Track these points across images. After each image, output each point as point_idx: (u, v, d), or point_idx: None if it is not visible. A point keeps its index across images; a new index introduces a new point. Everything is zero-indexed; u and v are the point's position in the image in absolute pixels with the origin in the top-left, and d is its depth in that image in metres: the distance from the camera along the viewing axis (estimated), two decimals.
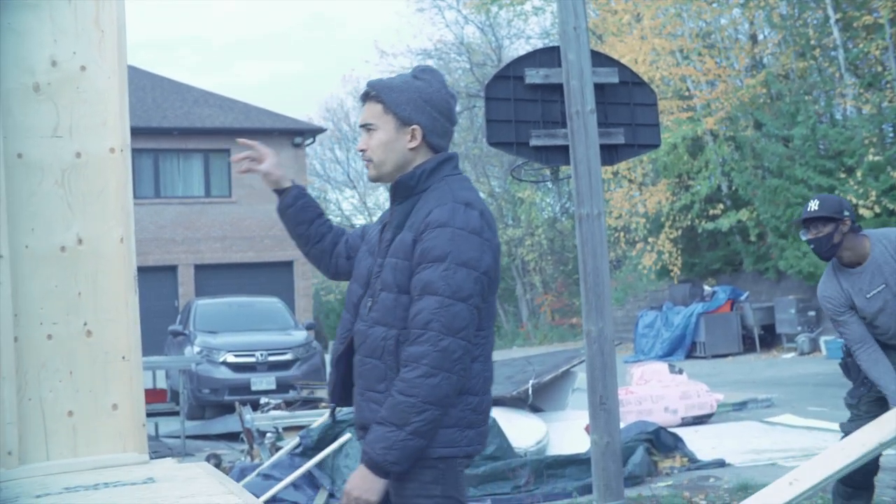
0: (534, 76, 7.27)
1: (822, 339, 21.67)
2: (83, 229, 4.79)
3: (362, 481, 3.35)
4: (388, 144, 3.54)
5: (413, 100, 3.52)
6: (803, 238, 6.18)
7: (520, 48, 40.50)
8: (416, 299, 3.35)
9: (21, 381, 4.61)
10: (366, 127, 3.59)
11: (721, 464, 9.41)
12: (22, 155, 4.72)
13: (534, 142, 7.20)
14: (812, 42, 24.29)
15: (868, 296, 5.96)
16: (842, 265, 6.07)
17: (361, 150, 3.61)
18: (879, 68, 23.45)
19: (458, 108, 3.41)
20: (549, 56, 7.40)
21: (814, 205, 6.05)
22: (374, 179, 3.64)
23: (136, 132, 30.79)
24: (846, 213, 5.97)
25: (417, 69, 3.65)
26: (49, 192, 4.76)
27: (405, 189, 3.54)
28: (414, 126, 3.52)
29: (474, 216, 3.40)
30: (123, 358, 4.79)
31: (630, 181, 28.36)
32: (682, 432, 10.32)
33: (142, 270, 4.85)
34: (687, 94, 27.07)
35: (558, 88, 7.12)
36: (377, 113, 3.55)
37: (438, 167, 3.54)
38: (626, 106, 7.56)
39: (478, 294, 3.35)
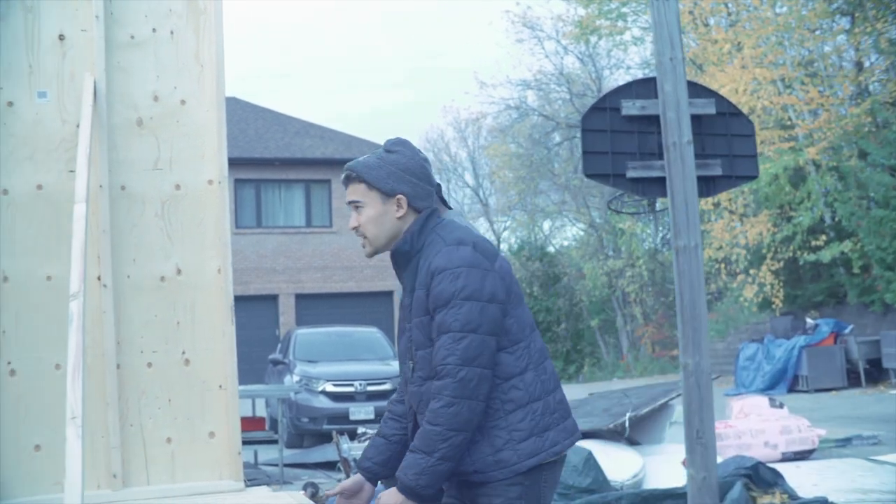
0: (630, 108, 7.25)
1: None
2: (182, 260, 4.90)
3: (397, 502, 3.58)
4: (377, 219, 3.76)
5: (392, 173, 3.75)
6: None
7: (620, 78, 40.34)
8: (435, 340, 3.60)
9: (123, 408, 4.72)
10: (353, 205, 3.81)
11: (823, 502, 9.17)
12: (125, 187, 4.85)
13: (630, 173, 7.18)
14: None
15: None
16: None
17: (354, 228, 3.82)
18: None
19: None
20: (645, 87, 7.39)
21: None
22: (372, 254, 3.87)
23: (239, 163, 31.44)
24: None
25: (388, 143, 3.86)
26: (149, 223, 4.88)
27: (403, 255, 3.77)
28: (398, 196, 3.74)
29: (467, 252, 3.64)
30: (220, 386, 4.88)
31: (731, 212, 28.02)
32: (783, 468, 10.09)
33: (243, 299, 4.94)
34: (789, 123, 26.71)
35: (655, 120, 7.10)
36: (362, 192, 3.77)
37: (424, 225, 3.77)
38: (724, 137, 7.51)
39: (488, 321, 3.57)
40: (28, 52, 4.79)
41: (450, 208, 4.50)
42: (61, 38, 4.83)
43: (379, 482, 3.91)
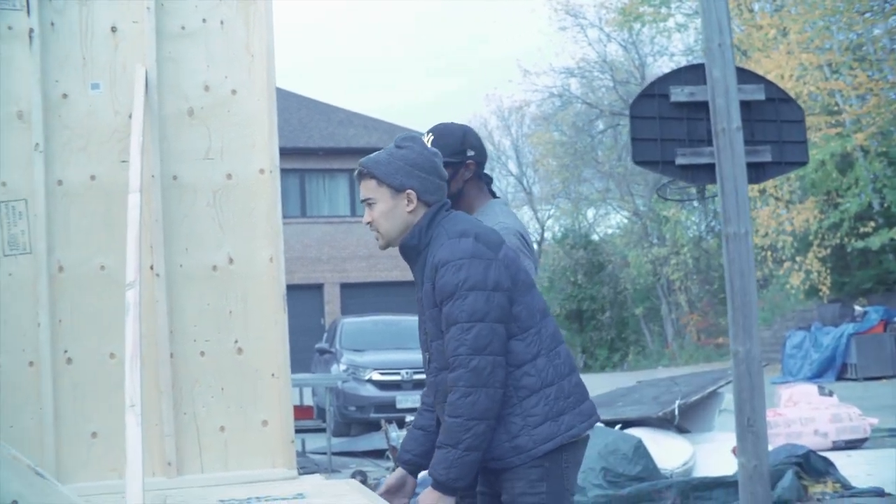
0: (679, 94, 7.21)
1: None
2: (234, 249, 4.92)
3: (434, 501, 3.66)
4: (388, 213, 3.85)
5: (401, 168, 3.83)
6: None
7: (663, 65, 40.18)
8: (445, 332, 3.66)
9: (177, 396, 4.76)
10: (366, 202, 3.90)
11: (879, 493, 8.99)
12: (177, 177, 4.88)
13: (679, 160, 7.14)
14: None
15: None
16: None
17: (368, 223, 3.92)
18: None
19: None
20: (693, 74, 7.34)
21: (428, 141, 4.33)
22: (385, 247, 3.96)
23: (282, 152, 31.02)
24: (470, 153, 4.39)
25: (398, 139, 3.94)
26: (201, 212, 4.91)
27: (412, 249, 3.85)
28: (408, 191, 3.81)
29: (468, 243, 3.71)
30: (273, 375, 4.90)
31: (777, 199, 27.84)
32: (834, 457, 9.98)
33: (288, 288, 4.97)
34: (836, 108, 26.47)
35: (704, 106, 7.06)
36: (372, 187, 3.86)
37: (433, 219, 3.84)
38: (773, 123, 7.45)
39: (495, 309, 3.63)
40: (82, 44, 4.83)
41: (496, 197, 4.50)
42: (113, 29, 4.87)
43: (421, 473, 3.93)
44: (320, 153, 33.27)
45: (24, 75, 4.75)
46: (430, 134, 4.42)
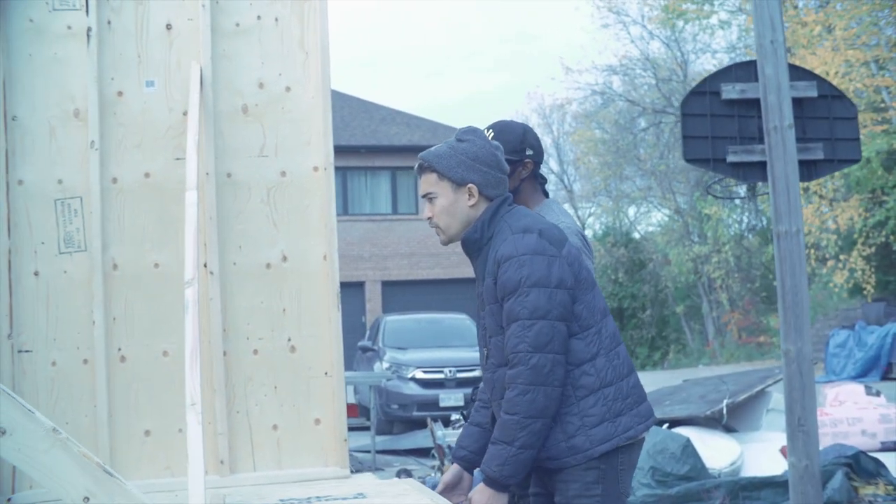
0: (730, 91, 7.18)
1: None
2: (287, 247, 4.92)
3: (486, 498, 3.65)
4: (449, 208, 3.81)
5: (462, 162, 3.78)
6: None
7: (706, 63, 39.96)
8: (506, 329, 3.63)
9: (230, 394, 4.77)
10: (427, 197, 3.85)
11: None
12: (231, 174, 4.89)
13: (731, 158, 7.11)
14: None
15: None
16: None
17: (428, 219, 3.87)
18: None
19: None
20: (745, 71, 7.31)
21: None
22: (446, 242, 3.93)
23: None
24: (529, 152, 4.37)
25: (459, 132, 3.89)
26: (255, 210, 4.91)
27: (474, 243, 3.81)
28: (469, 185, 3.77)
29: (532, 239, 3.66)
30: (326, 373, 4.90)
31: (820, 197, 27.61)
32: (884, 458, 9.90)
33: None
34: (882, 106, 26.22)
35: (755, 103, 7.02)
36: (433, 181, 3.82)
37: (495, 213, 3.79)
38: (825, 120, 7.40)
39: (557, 307, 3.59)
40: (137, 42, 4.85)
41: (547, 196, 4.46)
42: (168, 27, 4.88)
43: (476, 470, 3.92)
44: (362, 151, 33.29)
45: (81, 74, 4.78)
46: (490, 130, 4.38)
